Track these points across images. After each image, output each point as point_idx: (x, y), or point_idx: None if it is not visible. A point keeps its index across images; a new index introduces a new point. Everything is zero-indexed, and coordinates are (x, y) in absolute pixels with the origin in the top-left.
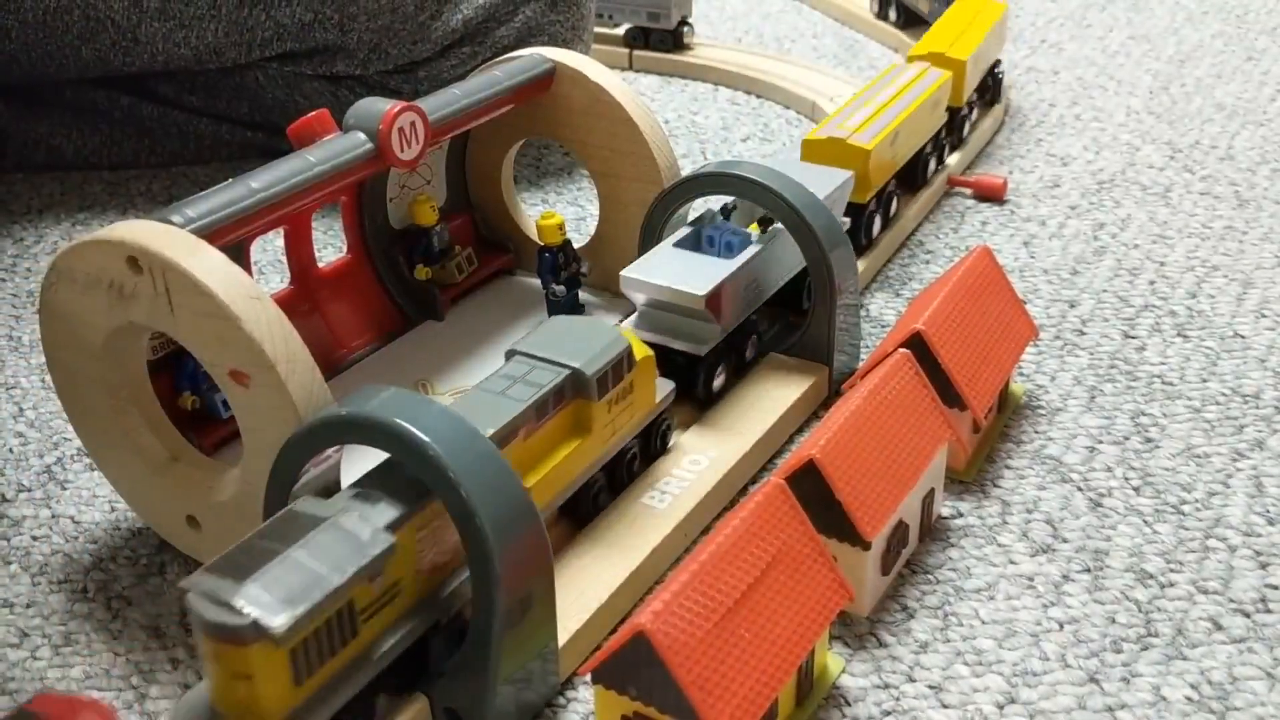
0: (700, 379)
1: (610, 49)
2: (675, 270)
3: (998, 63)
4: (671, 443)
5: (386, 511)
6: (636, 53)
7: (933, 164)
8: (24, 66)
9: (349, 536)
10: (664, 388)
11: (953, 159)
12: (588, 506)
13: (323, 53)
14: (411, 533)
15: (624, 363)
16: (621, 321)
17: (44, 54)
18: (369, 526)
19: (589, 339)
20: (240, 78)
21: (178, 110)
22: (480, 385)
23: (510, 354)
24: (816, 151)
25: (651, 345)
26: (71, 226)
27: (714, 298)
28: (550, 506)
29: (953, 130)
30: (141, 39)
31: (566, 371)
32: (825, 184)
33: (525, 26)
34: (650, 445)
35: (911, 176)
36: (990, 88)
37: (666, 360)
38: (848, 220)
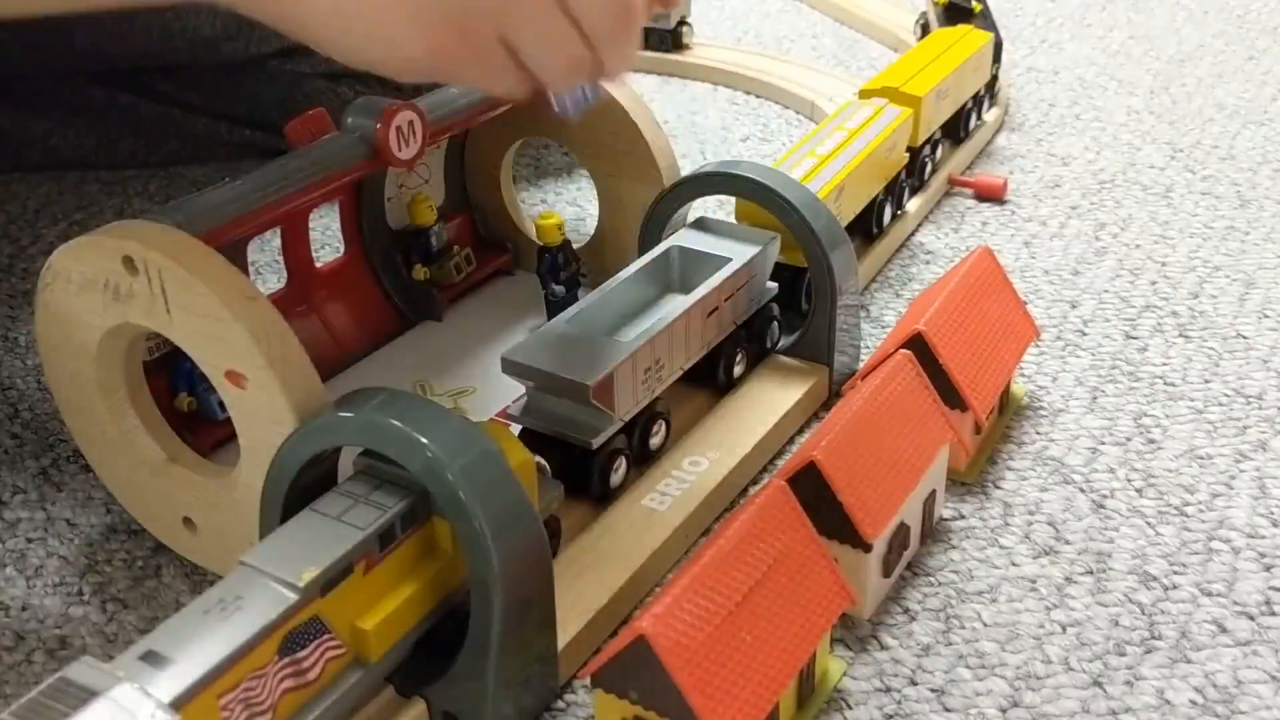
0: (594, 476)
1: None
2: (565, 352)
3: (979, 97)
4: (561, 547)
5: (177, 677)
6: None
7: (888, 212)
8: (16, 56)
9: (118, 718)
10: (550, 490)
11: (912, 204)
12: None
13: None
14: (210, 701)
15: None
16: (507, 408)
17: (36, 42)
18: (147, 705)
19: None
20: (240, 75)
21: (176, 109)
22: (315, 506)
23: (358, 463)
24: (752, 210)
25: (543, 436)
26: (68, 227)
27: (604, 386)
28: (399, 648)
29: (913, 173)
30: (138, 28)
31: (417, 489)
32: (744, 249)
33: None
34: None
35: (865, 227)
36: (963, 125)
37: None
38: (775, 285)
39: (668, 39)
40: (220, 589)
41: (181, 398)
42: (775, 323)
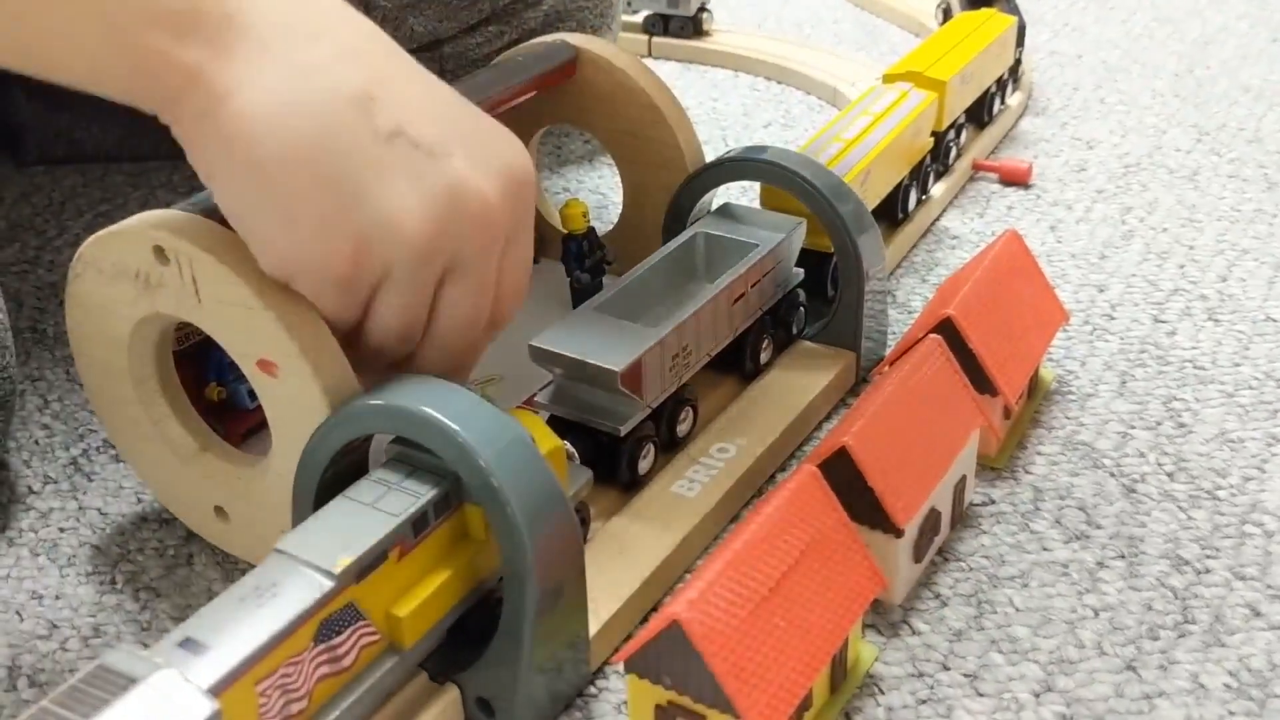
0: (623, 462)
1: (629, 36)
2: (592, 339)
3: (1002, 81)
4: (590, 534)
5: (215, 663)
6: (655, 40)
7: (914, 197)
8: None
9: (158, 704)
10: (580, 476)
11: (937, 189)
12: None
13: None
14: (248, 687)
15: None
16: (535, 395)
17: None
18: (187, 691)
19: None
20: None
21: None
22: (348, 493)
23: (389, 449)
24: (777, 196)
25: (571, 423)
26: (93, 219)
27: (632, 373)
28: (431, 635)
29: (937, 158)
30: None
31: (451, 475)
32: (770, 235)
33: (553, 10)
34: None
35: (890, 212)
36: (987, 110)
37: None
38: (801, 271)
39: (688, 25)
40: (256, 575)
41: (211, 387)
42: (801, 308)
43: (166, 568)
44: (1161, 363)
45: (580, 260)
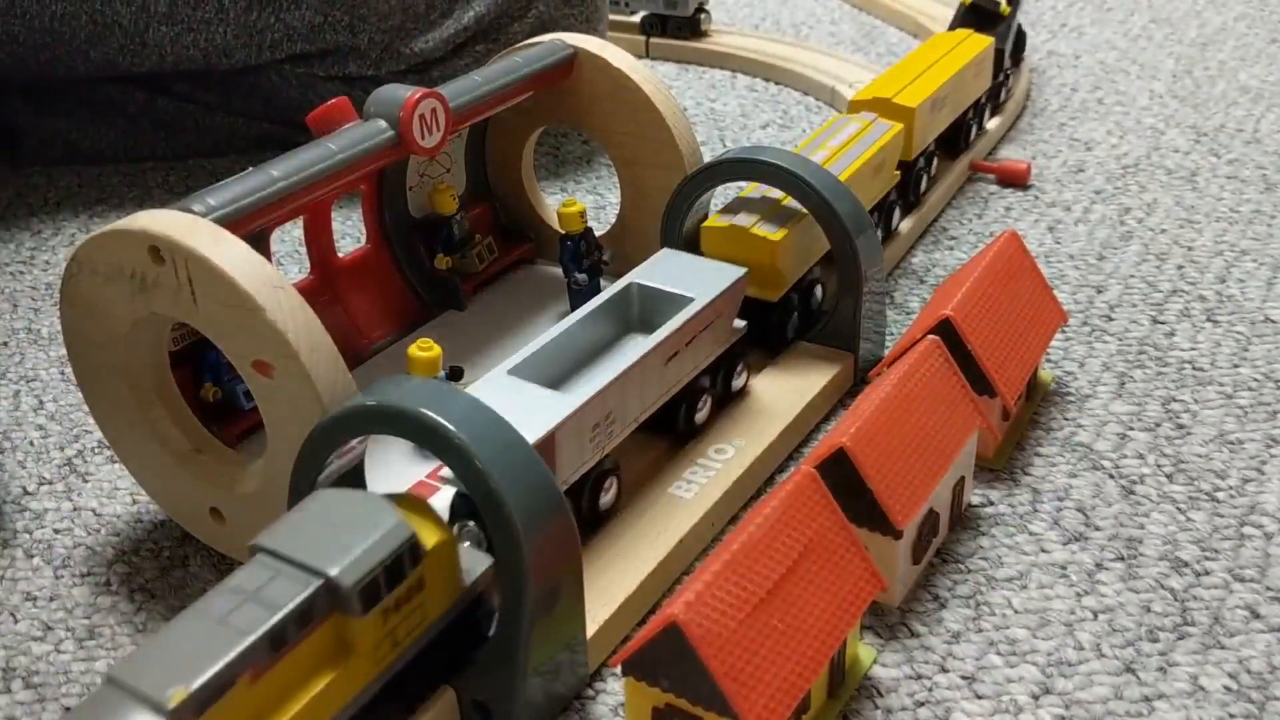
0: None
1: (626, 36)
2: (502, 409)
3: (980, 105)
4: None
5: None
6: (653, 40)
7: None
8: (33, 68)
9: None
10: (478, 565)
11: (905, 224)
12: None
13: (334, 54)
14: None
15: (404, 559)
16: (439, 470)
17: (52, 57)
18: None
19: (356, 529)
20: (254, 78)
21: (193, 105)
22: (198, 606)
23: (254, 549)
24: (717, 242)
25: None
26: (89, 219)
27: (544, 448)
28: None
29: (906, 190)
30: (150, 42)
31: (316, 583)
32: (710, 285)
33: (539, 21)
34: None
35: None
36: (962, 137)
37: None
38: (743, 324)
39: (685, 26)
40: (81, 710)
41: (207, 388)
42: (744, 364)
43: (162, 569)
44: (1160, 364)
45: (578, 261)
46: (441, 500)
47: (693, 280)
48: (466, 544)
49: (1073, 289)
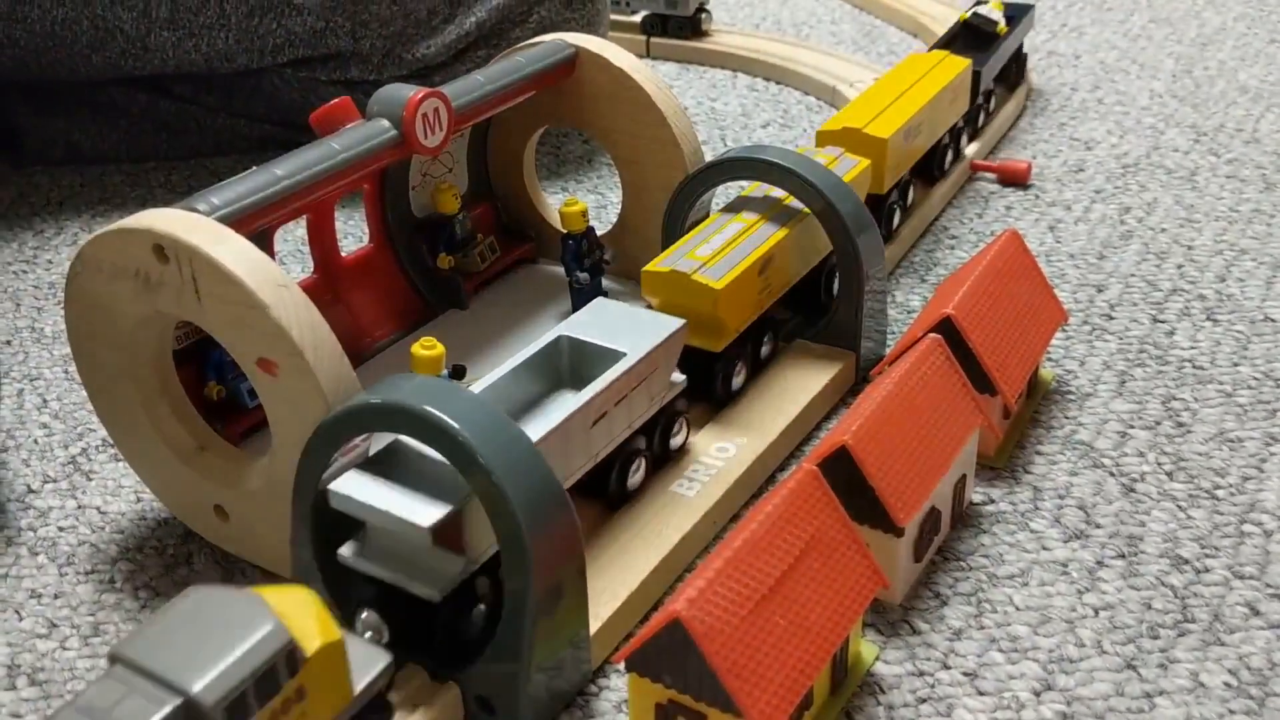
0: (439, 630)
1: (627, 36)
2: (407, 480)
3: (957, 130)
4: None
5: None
6: (654, 40)
7: (837, 280)
8: (34, 71)
9: None
10: (374, 663)
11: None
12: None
13: (336, 59)
14: None
15: (278, 669)
16: (340, 548)
17: (54, 60)
18: None
19: (225, 636)
20: (256, 80)
21: (195, 106)
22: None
23: (113, 658)
24: (659, 287)
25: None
26: (91, 218)
27: (450, 527)
28: None
29: (877, 224)
30: (151, 47)
31: (174, 702)
32: (644, 338)
33: (540, 26)
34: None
35: (810, 299)
36: (937, 164)
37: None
38: (683, 378)
39: (686, 25)
40: None
41: (211, 386)
42: (683, 420)
43: (166, 566)
44: (1160, 362)
45: (579, 260)
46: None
47: (626, 333)
48: (367, 635)
49: (1073, 288)
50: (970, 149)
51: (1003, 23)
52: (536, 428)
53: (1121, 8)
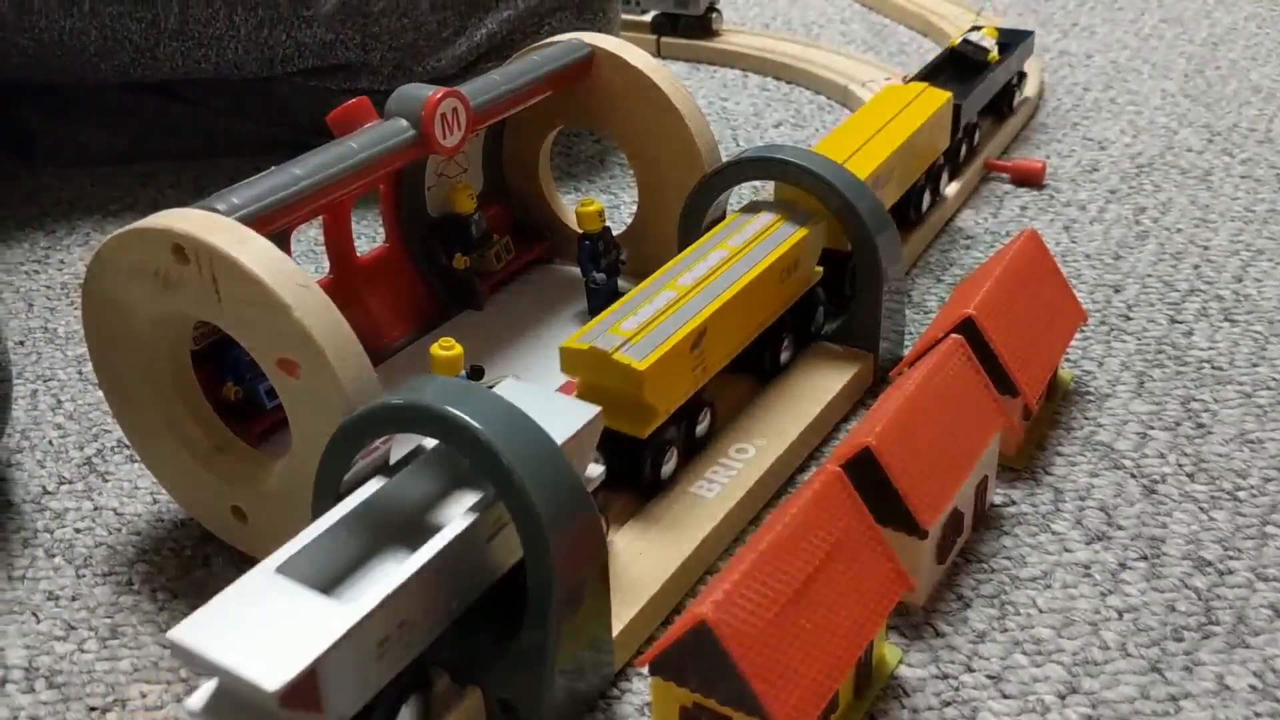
0: None
1: (637, 36)
2: (257, 626)
3: (935, 169)
4: None
5: None
6: (664, 39)
7: (787, 350)
8: (43, 77)
9: None
10: None
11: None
12: None
13: (346, 69)
14: None
15: None
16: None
17: (62, 67)
18: None
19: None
20: (266, 87)
21: (206, 110)
22: None
23: None
24: (578, 365)
25: None
26: (103, 218)
27: (302, 688)
28: None
29: (841, 285)
30: (160, 57)
31: None
32: (562, 426)
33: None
34: None
35: (755, 364)
36: (912, 208)
37: None
38: (601, 468)
39: (696, 25)
40: None
41: (228, 387)
42: (605, 518)
43: (183, 568)
44: (1179, 363)
45: (595, 260)
46: None
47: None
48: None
49: (1090, 288)
50: (951, 189)
51: (995, 51)
52: (418, 558)
53: (1133, 7)
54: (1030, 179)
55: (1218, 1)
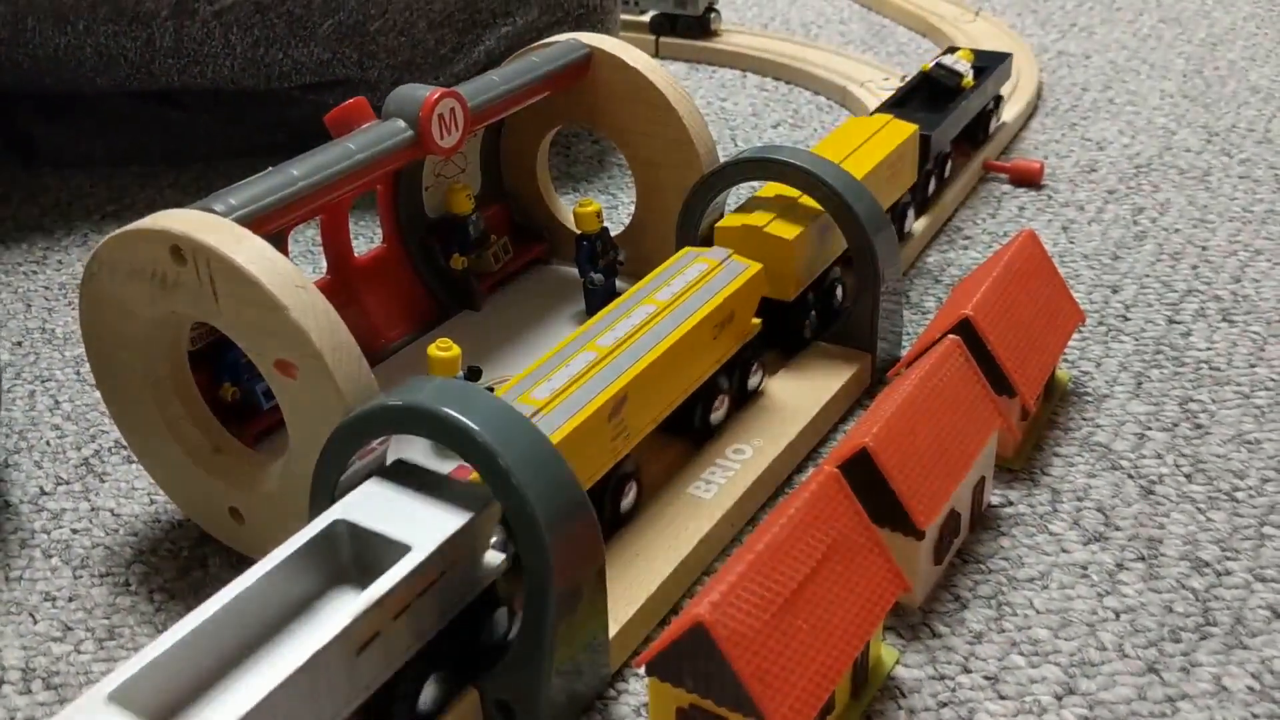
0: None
1: (636, 36)
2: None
3: (901, 206)
4: None
5: None
6: (663, 40)
7: (720, 411)
8: (39, 88)
9: None
10: None
11: (779, 382)
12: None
13: (344, 85)
14: None
15: None
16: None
17: (58, 80)
18: None
19: None
20: (263, 100)
21: (205, 115)
22: None
23: None
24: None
25: None
26: (101, 219)
27: None
28: None
29: (785, 333)
30: (156, 72)
31: None
32: (442, 524)
33: None
34: None
35: (684, 422)
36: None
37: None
38: (502, 557)
39: (695, 25)
40: None
41: (225, 388)
42: (506, 612)
43: (180, 569)
44: (1177, 364)
45: (594, 261)
46: None
47: (421, 516)
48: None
49: (1088, 289)
50: (919, 225)
51: (969, 75)
52: (282, 666)
53: (1131, 7)
54: (1028, 179)
55: (1216, 2)
